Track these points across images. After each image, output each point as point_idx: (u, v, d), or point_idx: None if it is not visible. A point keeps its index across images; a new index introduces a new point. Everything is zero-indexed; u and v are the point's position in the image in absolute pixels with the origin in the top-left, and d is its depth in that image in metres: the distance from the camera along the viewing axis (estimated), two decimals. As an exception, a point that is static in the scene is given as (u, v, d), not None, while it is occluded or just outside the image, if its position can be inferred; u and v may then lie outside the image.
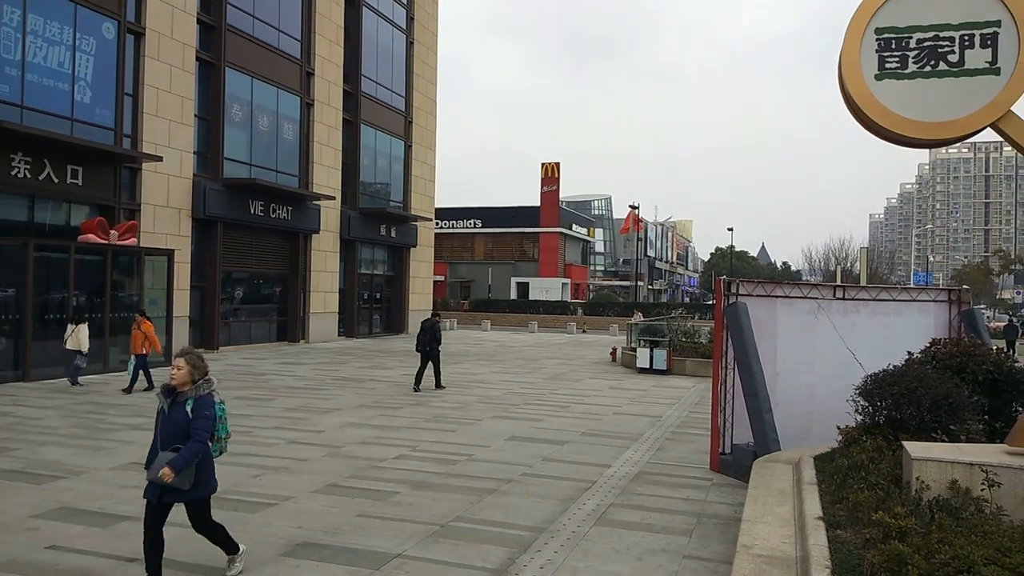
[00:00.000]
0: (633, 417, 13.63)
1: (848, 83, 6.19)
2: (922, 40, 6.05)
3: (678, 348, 22.69)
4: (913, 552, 3.92)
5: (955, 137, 6.28)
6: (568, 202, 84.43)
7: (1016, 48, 5.80)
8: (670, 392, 17.49)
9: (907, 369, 7.25)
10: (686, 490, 8.45)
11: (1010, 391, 7.58)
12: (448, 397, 15.52)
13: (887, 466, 6.00)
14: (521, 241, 65.30)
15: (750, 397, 8.98)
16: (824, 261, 79.47)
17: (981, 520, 4.61)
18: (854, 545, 4.64)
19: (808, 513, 5.33)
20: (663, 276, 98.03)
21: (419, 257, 38.09)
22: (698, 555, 6.28)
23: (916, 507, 4.99)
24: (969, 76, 5.93)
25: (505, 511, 7.44)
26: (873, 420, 7.17)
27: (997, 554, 3.72)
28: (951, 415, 6.77)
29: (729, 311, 9.47)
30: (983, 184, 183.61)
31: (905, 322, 10.56)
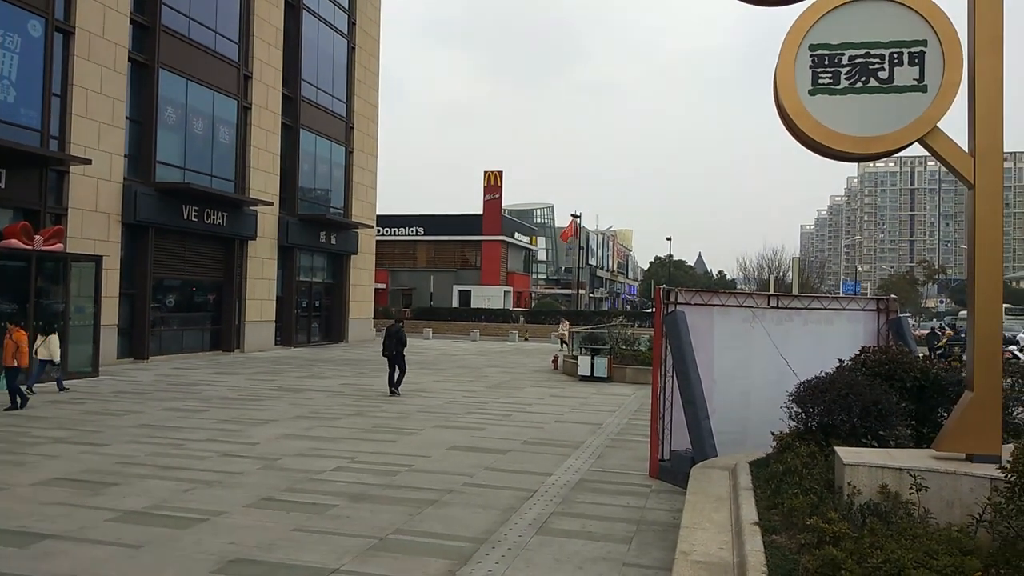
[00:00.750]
0: (574, 425, 13.67)
1: (783, 98, 6.33)
2: (854, 57, 6.23)
3: (618, 356, 22.91)
4: (846, 557, 4.00)
5: (885, 151, 6.49)
6: (510, 210, 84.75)
7: (941, 66, 6.03)
8: (611, 399, 17.63)
9: (838, 376, 7.45)
10: (626, 497, 8.50)
11: (936, 397, 7.86)
12: (389, 407, 15.32)
13: (820, 471, 6.14)
14: (463, 249, 65.19)
15: (688, 404, 9.10)
16: (758, 270, 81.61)
17: (910, 524, 4.75)
18: (789, 550, 4.73)
19: (744, 519, 5.40)
20: (604, 284, 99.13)
21: (360, 264, 37.62)
22: (638, 563, 6.30)
23: (848, 512, 5.11)
24: (898, 93, 6.13)
25: (446, 522, 7.35)
26: (806, 426, 7.34)
27: (926, 557, 3.82)
28: (880, 421, 6.98)
29: (668, 319, 9.60)
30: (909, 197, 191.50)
31: (836, 330, 10.88)
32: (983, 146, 5.96)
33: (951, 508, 5.23)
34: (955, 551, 3.98)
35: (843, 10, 6.27)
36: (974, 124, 6.00)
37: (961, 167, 6.04)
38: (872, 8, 6.21)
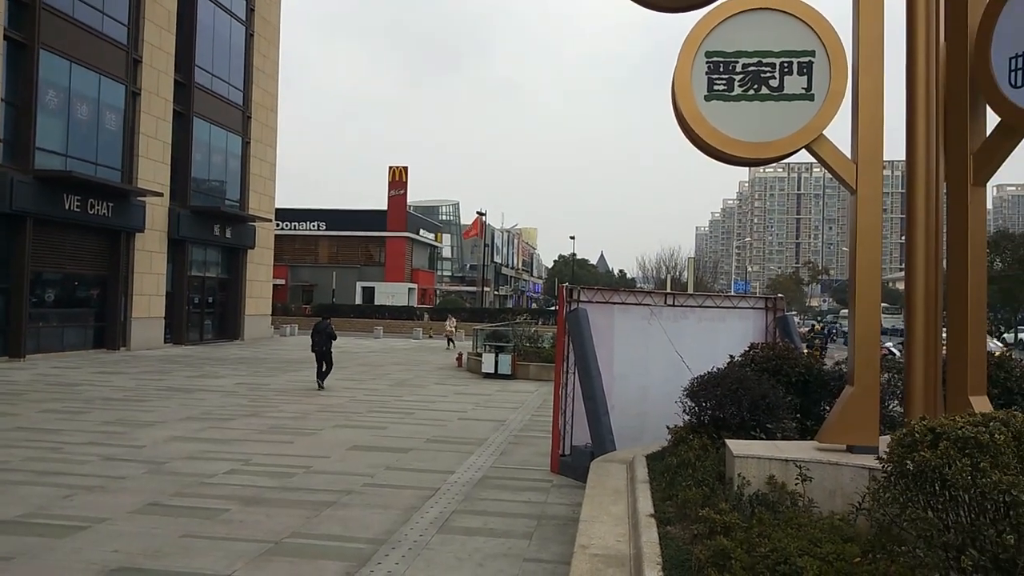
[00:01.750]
0: (478, 422, 13.68)
1: (680, 103, 6.51)
2: (747, 65, 6.47)
3: (522, 353, 23.10)
4: (736, 546, 4.14)
5: (775, 156, 6.77)
6: (416, 207, 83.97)
7: (828, 76, 6.35)
8: (514, 396, 17.75)
9: (729, 371, 7.74)
10: (527, 493, 8.56)
11: (819, 391, 8.29)
12: (286, 407, 14.88)
13: (712, 463, 6.35)
14: (367, 245, 64.14)
15: (589, 400, 9.25)
16: (656, 270, 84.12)
17: (796, 513, 4.98)
18: (683, 541, 4.86)
19: (641, 511, 5.53)
20: (509, 282, 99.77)
21: (257, 259, 36.40)
22: (538, 557, 6.35)
23: (738, 502, 5.31)
24: (788, 101, 6.41)
25: (345, 524, 7.19)
26: (699, 420, 7.59)
27: (810, 545, 4.01)
28: (768, 414, 7.29)
29: (571, 317, 9.73)
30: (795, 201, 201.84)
31: (728, 327, 11.32)
32: (865, 154, 6.31)
33: (833, 497, 5.52)
34: (837, 538, 4.20)
35: (738, 19, 6.49)
36: (857, 132, 6.35)
37: (845, 173, 6.38)
38: (765, 18, 6.47)
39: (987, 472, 3.44)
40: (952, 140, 6.16)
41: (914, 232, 6.31)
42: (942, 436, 3.72)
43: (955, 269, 6.08)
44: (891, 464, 3.93)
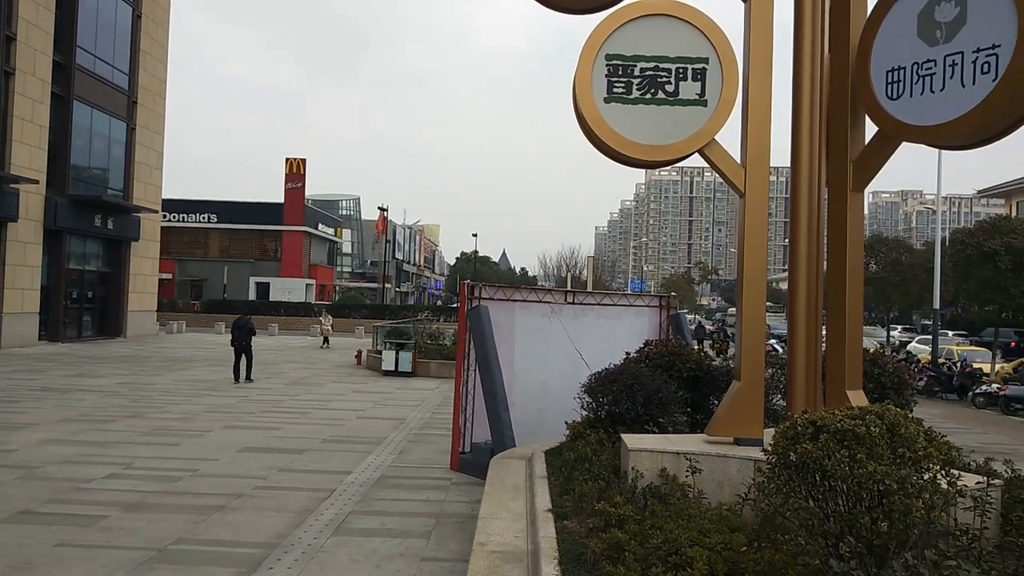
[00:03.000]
0: (377, 421, 13.47)
1: (581, 104, 6.61)
2: (645, 69, 6.64)
3: (423, 350, 22.92)
4: (630, 538, 4.24)
5: (670, 159, 6.98)
6: (315, 201, 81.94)
7: (720, 84, 6.59)
8: (415, 394, 17.59)
9: (625, 367, 7.92)
10: (426, 491, 8.49)
11: (708, 386, 8.61)
12: (172, 407, 14.19)
13: (608, 457, 6.48)
14: (262, 239, 62.02)
15: (489, 396, 9.27)
16: (557, 268, 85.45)
17: (686, 504, 5.14)
18: (579, 535, 4.94)
19: (539, 506, 5.58)
20: (411, 279, 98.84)
21: (142, 252, 34.56)
22: (436, 556, 6.31)
23: (632, 495, 5.44)
24: (682, 106, 6.62)
25: (234, 528, 6.91)
26: (596, 415, 7.73)
27: (699, 535, 4.14)
28: (661, 408, 7.51)
29: (472, 314, 9.71)
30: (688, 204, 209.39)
31: (624, 325, 11.61)
32: (753, 159, 6.59)
33: (721, 488, 5.74)
34: (724, 528, 4.36)
35: (637, 23, 6.64)
36: (746, 138, 6.62)
37: (734, 177, 6.64)
38: (662, 24, 6.65)
39: (863, 463, 3.65)
40: (833, 148, 6.51)
41: (797, 235, 6.64)
42: (823, 429, 3.91)
43: (834, 270, 6.43)
44: (775, 456, 4.11)
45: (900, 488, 3.53)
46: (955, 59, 5.25)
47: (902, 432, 3.82)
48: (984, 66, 5.05)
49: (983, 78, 5.05)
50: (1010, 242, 21.45)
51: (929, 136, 5.61)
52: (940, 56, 5.37)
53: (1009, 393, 18.91)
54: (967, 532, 4.17)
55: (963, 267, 23.28)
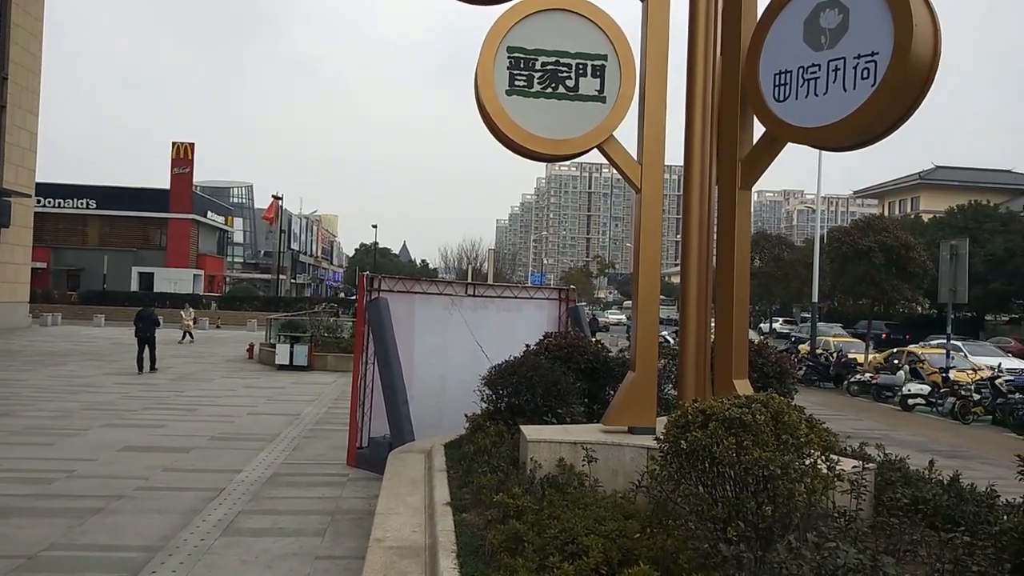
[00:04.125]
0: (269, 416, 13.05)
1: (482, 96, 6.58)
2: (546, 63, 6.68)
3: (320, 343, 22.38)
4: (528, 529, 4.26)
5: (570, 154, 7.05)
6: (204, 187, 78.49)
7: (619, 81, 6.71)
8: (310, 388, 17.15)
9: (525, 360, 7.98)
10: (321, 488, 8.29)
11: (605, 377, 8.78)
12: (45, 405, 13.27)
13: (507, 449, 6.51)
14: (146, 227, 58.89)
15: (388, 390, 9.13)
16: (458, 260, 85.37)
17: (582, 493, 5.22)
18: (477, 527, 4.93)
19: (437, 500, 5.54)
20: (307, 270, 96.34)
21: (13, 239, 32.13)
22: (331, 554, 6.16)
23: (531, 486, 5.47)
24: (582, 101, 6.70)
25: (113, 532, 6.53)
26: (496, 407, 7.75)
27: (595, 524, 4.21)
28: (559, 400, 7.60)
29: (371, 306, 9.54)
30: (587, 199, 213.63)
31: (524, 317, 11.69)
32: (649, 156, 6.75)
33: (616, 476, 5.86)
34: (619, 516, 4.45)
35: (538, 17, 6.67)
36: (643, 136, 6.77)
37: (631, 173, 6.78)
38: (563, 19, 6.70)
39: (749, 449, 3.79)
40: (723, 147, 6.74)
41: (689, 231, 6.85)
42: (712, 417, 4.05)
43: (723, 265, 6.68)
44: (667, 444, 4.22)
45: (784, 473, 3.69)
46: (838, 64, 5.53)
47: (785, 419, 3.99)
48: (864, 72, 5.34)
49: (863, 83, 5.34)
50: (882, 240, 22.98)
51: (812, 137, 5.89)
52: (824, 61, 5.65)
53: (880, 382, 20.27)
54: (844, 514, 4.42)
55: (839, 263, 24.79)
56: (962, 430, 15.45)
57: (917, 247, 23.41)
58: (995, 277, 34.45)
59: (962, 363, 21.28)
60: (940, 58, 5.21)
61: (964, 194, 53.57)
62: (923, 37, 5.09)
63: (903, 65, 5.08)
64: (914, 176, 63.72)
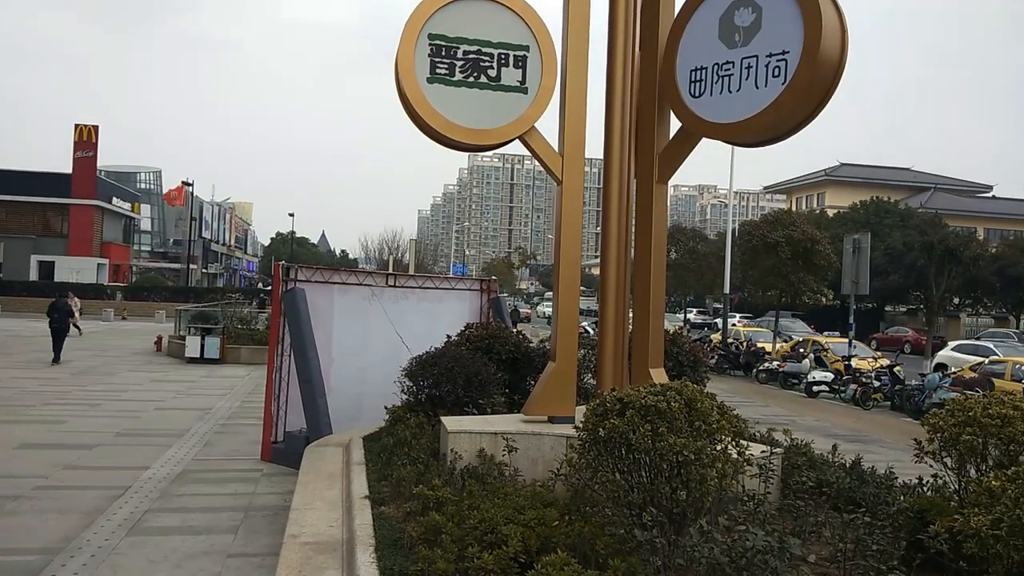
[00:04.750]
0: (179, 412, 12.58)
1: (403, 83, 6.48)
2: (468, 52, 6.62)
3: (233, 335, 21.71)
4: (447, 520, 4.24)
5: (492, 144, 7.03)
6: (108, 172, 74.73)
7: (540, 72, 6.72)
8: (223, 382, 16.61)
9: (446, 350, 7.94)
10: (234, 484, 8.05)
11: (526, 367, 8.83)
12: (-68, 401, 12.42)
13: (428, 441, 6.47)
14: (46, 213, 55.66)
15: (305, 383, 8.94)
16: (379, 251, 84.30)
17: (503, 483, 5.23)
18: (396, 520, 4.88)
19: (355, 493, 5.46)
20: (220, 260, 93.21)
21: None
22: (244, 552, 6.00)
23: (451, 477, 5.45)
24: (504, 91, 6.68)
25: (9, 535, 6.17)
26: (417, 399, 7.70)
27: (514, 513, 4.22)
28: (481, 390, 7.61)
29: (287, 297, 9.30)
30: (509, 190, 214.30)
31: (446, 308, 11.63)
32: (570, 148, 6.79)
33: (536, 465, 5.90)
34: (538, 504, 4.48)
35: (459, 5, 6.60)
36: (564, 128, 6.81)
37: (552, 165, 6.81)
38: (485, 8, 6.66)
39: (664, 436, 3.88)
40: (642, 141, 6.85)
41: (608, 223, 6.94)
42: (629, 405, 4.12)
43: (641, 257, 6.80)
44: (586, 432, 4.28)
45: (697, 459, 3.79)
46: (750, 62, 5.70)
47: (699, 407, 4.10)
48: (775, 70, 5.52)
49: (774, 81, 5.52)
50: (790, 234, 23.91)
51: (726, 133, 6.06)
52: (738, 59, 5.80)
53: (787, 370, 21.14)
54: (753, 497, 4.58)
55: (750, 256, 25.67)
56: (863, 415, 16.27)
57: (822, 241, 24.46)
58: (894, 270, 36.38)
59: (864, 352, 22.41)
60: (847, 59, 5.44)
61: (867, 191, 56.36)
62: (831, 38, 5.30)
63: (812, 64, 5.27)
64: (820, 173, 66.62)
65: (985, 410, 4.34)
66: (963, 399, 4.70)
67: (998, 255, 35.91)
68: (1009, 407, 4.31)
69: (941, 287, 26.32)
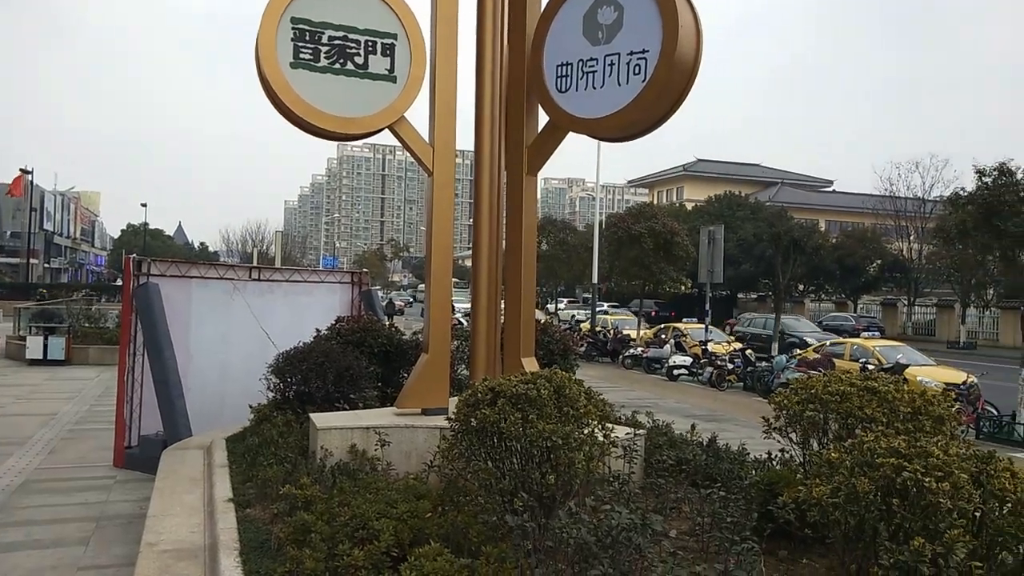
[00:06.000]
0: (19, 418, 11.57)
1: (264, 68, 6.22)
2: (333, 38, 6.44)
3: (80, 335, 20.18)
4: (316, 519, 4.14)
5: (361, 133, 6.90)
6: (-71, 157, 67.36)
7: (409, 61, 6.64)
8: (69, 385, 15.41)
9: (315, 345, 7.74)
10: (84, 493, 7.51)
11: (399, 360, 8.76)
12: None
13: (296, 439, 6.29)
14: None
15: (160, 384, 8.46)
16: (242, 243, 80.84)
17: (375, 478, 5.17)
18: (263, 522, 4.72)
19: (218, 497, 5.24)
20: (64, 253, 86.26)
21: None
22: (96, 564, 5.61)
23: (321, 475, 5.33)
24: (372, 80, 6.55)
25: None
26: (284, 396, 7.47)
27: (386, 507, 4.19)
28: (352, 385, 7.48)
29: (139, 293, 8.75)
30: (380, 181, 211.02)
31: (315, 301, 11.34)
32: (441, 139, 6.77)
33: (409, 458, 5.87)
34: (411, 497, 4.46)
35: (324, -12, 6.41)
36: (434, 119, 6.77)
37: (423, 156, 6.76)
38: (352, -7, 6.50)
39: (534, 423, 3.96)
40: (511, 133, 6.94)
41: (480, 215, 6.98)
42: (500, 394, 4.17)
43: (512, 248, 6.89)
44: (458, 422, 4.30)
45: (565, 443, 3.90)
46: (613, 59, 5.88)
47: (567, 393, 4.22)
48: (636, 68, 5.73)
49: (635, 79, 5.73)
50: (652, 226, 24.99)
51: (591, 128, 6.24)
52: (601, 56, 5.98)
53: (650, 355, 22.11)
54: (618, 478, 4.76)
55: (615, 247, 26.63)
56: (719, 396, 17.27)
57: (681, 233, 25.73)
58: (745, 260, 38.74)
59: (719, 337, 23.76)
60: (702, 58, 5.72)
61: (721, 185, 59.71)
62: (687, 39, 5.56)
63: (670, 64, 5.51)
64: (679, 168, 69.97)
65: (825, 387, 4.72)
66: (806, 378, 5.08)
67: (838, 245, 39.02)
68: (846, 384, 4.71)
69: (787, 275, 28.31)
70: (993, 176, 13.00)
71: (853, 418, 4.48)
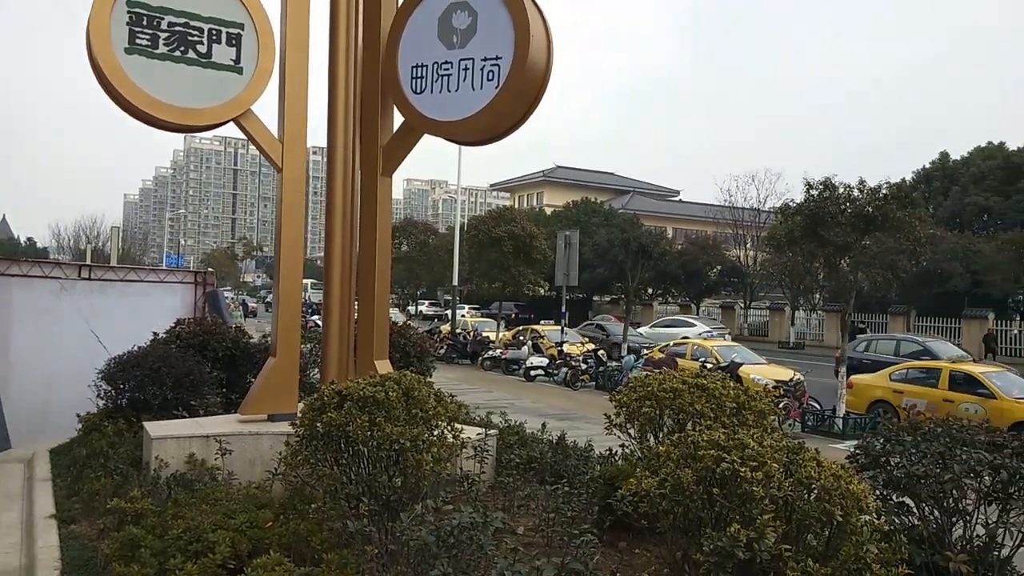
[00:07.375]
0: None
1: (97, 53, 5.80)
2: (174, 24, 6.09)
3: None
4: (147, 533, 3.92)
5: (204, 125, 6.57)
6: None
7: (256, 53, 6.39)
8: None
9: (152, 349, 7.31)
10: None
11: (245, 364, 8.42)
12: None
13: (128, 449, 5.91)
14: None
15: (-28, 393, 7.68)
16: (75, 239, 74.67)
17: (214, 488, 4.94)
18: (89, 538, 4.42)
19: (38, 513, 4.85)
20: None
21: None
22: None
23: (155, 487, 5.04)
24: (216, 70, 6.25)
25: None
26: (116, 404, 7.02)
27: (224, 518, 4.02)
28: (192, 391, 7.11)
29: (-54, 292, 7.91)
30: (232, 176, 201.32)
31: (154, 302, 10.67)
32: (291, 135, 6.58)
33: (254, 467, 5.65)
34: (252, 507, 4.30)
35: (161, -27, 6.06)
36: (283, 114, 6.57)
37: (271, 151, 6.54)
38: (193, -22, 6.19)
39: (382, 426, 3.93)
40: (366, 132, 6.84)
41: (332, 215, 6.84)
42: (347, 397, 4.11)
43: (365, 249, 6.80)
44: (303, 427, 4.19)
45: (413, 445, 3.89)
46: (467, 64, 5.94)
47: (416, 395, 4.22)
48: (490, 74, 5.81)
49: (489, 84, 5.81)
50: (511, 229, 25.39)
51: (446, 131, 6.27)
52: (456, 59, 6.02)
53: (508, 357, 22.45)
54: (468, 478, 4.82)
55: (476, 250, 26.85)
56: (572, 395, 17.80)
57: (539, 237, 26.31)
58: (600, 264, 40.22)
59: (574, 338, 24.52)
60: (553, 66, 5.89)
61: (578, 191, 61.62)
62: (539, 47, 5.71)
63: (522, 70, 5.64)
64: (539, 174, 71.56)
65: (660, 385, 4.99)
66: (644, 377, 5.35)
67: (682, 252, 41.29)
68: (678, 382, 5.01)
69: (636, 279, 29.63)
70: (819, 189, 14.28)
71: (685, 413, 4.77)
